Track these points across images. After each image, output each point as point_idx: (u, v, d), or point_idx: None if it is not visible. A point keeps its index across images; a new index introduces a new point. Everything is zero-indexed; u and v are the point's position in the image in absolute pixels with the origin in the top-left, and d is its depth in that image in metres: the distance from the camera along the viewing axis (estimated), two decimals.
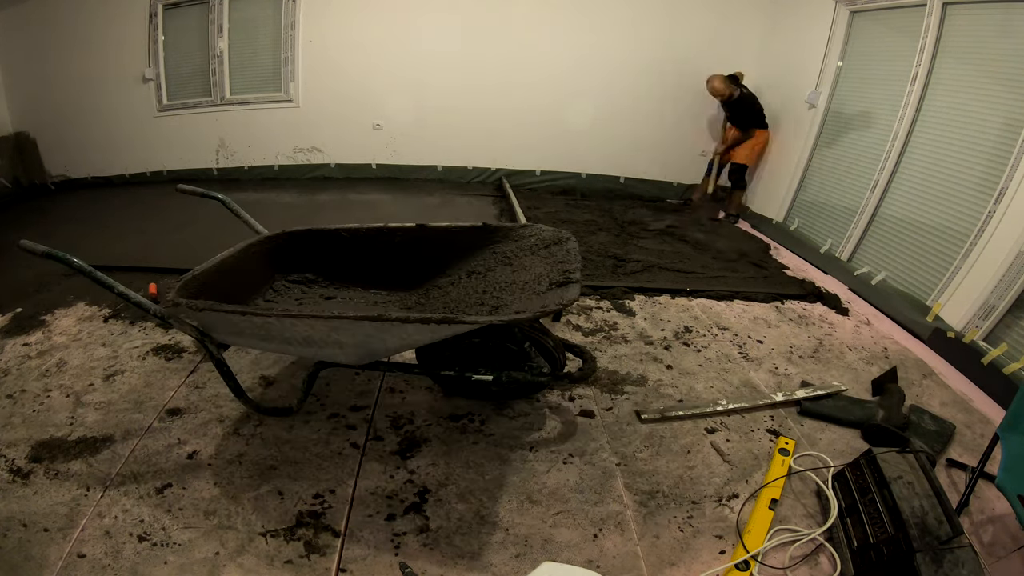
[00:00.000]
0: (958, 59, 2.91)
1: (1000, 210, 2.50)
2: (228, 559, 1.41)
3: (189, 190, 2.08)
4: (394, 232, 2.11)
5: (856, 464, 1.67)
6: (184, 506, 1.56)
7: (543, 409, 2.06)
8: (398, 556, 1.45)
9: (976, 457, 1.78)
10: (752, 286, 3.24)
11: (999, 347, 2.42)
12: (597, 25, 4.73)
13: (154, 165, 5.09)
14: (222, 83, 4.81)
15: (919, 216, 3.06)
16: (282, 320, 1.50)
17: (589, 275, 3.18)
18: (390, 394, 2.09)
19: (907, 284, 3.06)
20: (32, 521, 1.48)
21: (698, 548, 1.53)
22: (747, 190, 4.72)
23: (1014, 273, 2.40)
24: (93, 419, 1.89)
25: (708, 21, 4.65)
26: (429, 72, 4.85)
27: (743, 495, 1.72)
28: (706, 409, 2.08)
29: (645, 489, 1.72)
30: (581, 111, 4.96)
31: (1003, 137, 2.59)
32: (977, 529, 1.65)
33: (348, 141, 5.13)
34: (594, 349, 2.46)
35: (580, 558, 1.48)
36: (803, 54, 4.06)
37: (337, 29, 4.71)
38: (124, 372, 2.16)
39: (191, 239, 3.56)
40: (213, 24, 4.63)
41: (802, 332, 2.77)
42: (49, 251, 1.45)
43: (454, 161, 5.27)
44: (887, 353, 2.63)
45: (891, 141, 3.22)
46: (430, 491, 1.66)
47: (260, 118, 4.95)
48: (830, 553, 1.52)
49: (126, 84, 4.75)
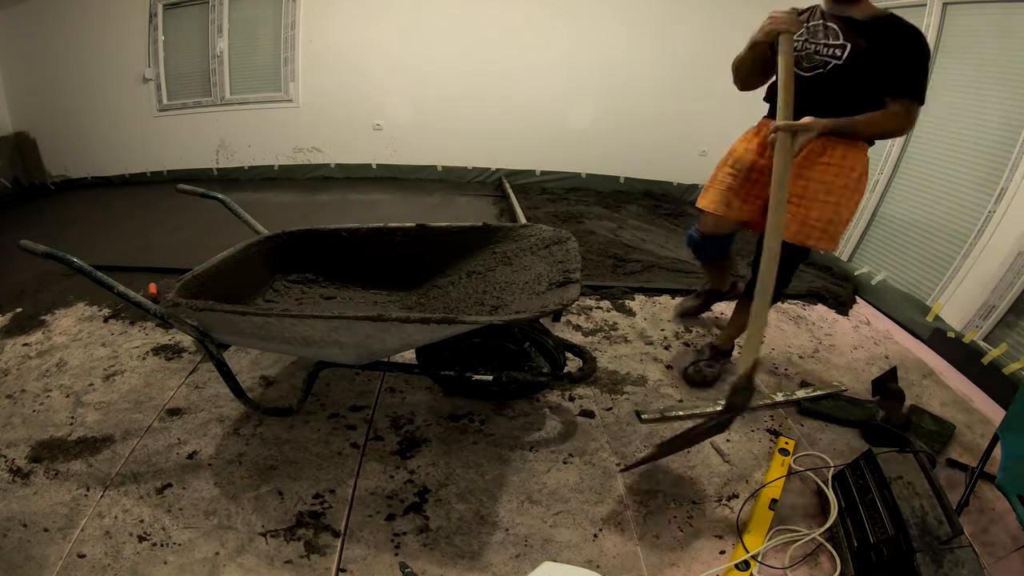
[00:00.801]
0: (958, 59, 2.91)
1: (1000, 210, 2.50)
2: (228, 559, 1.41)
3: (189, 190, 2.08)
4: (394, 232, 2.11)
5: (856, 464, 1.67)
6: (184, 506, 1.56)
7: (543, 409, 2.06)
8: (398, 556, 1.45)
9: (976, 457, 1.78)
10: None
11: (999, 347, 2.42)
12: (597, 24, 4.72)
13: (154, 165, 5.09)
14: (222, 83, 4.81)
15: (919, 216, 3.06)
16: (282, 320, 1.49)
17: (589, 275, 3.18)
18: (390, 394, 2.09)
19: (907, 284, 3.06)
20: (32, 521, 1.48)
21: (698, 548, 1.53)
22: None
23: (1014, 273, 2.40)
24: (93, 419, 1.89)
25: (708, 21, 4.64)
26: (429, 72, 4.85)
27: (743, 495, 1.72)
28: (706, 409, 2.08)
29: (645, 489, 1.72)
30: (581, 111, 4.97)
31: (1003, 137, 2.59)
32: (977, 529, 1.65)
33: (348, 141, 5.13)
34: (594, 349, 2.46)
35: (580, 558, 1.48)
36: None
37: (337, 29, 4.71)
38: (124, 372, 2.16)
39: (191, 239, 3.57)
40: (213, 24, 4.63)
41: (802, 332, 2.77)
42: (49, 251, 1.45)
43: (454, 161, 5.27)
44: (887, 353, 2.63)
45: (891, 141, 3.22)
46: (430, 491, 1.66)
47: (260, 118, 4.95)
48: (830, 553, 1.52)
49: (126, 84, 4.76)
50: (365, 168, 5.25)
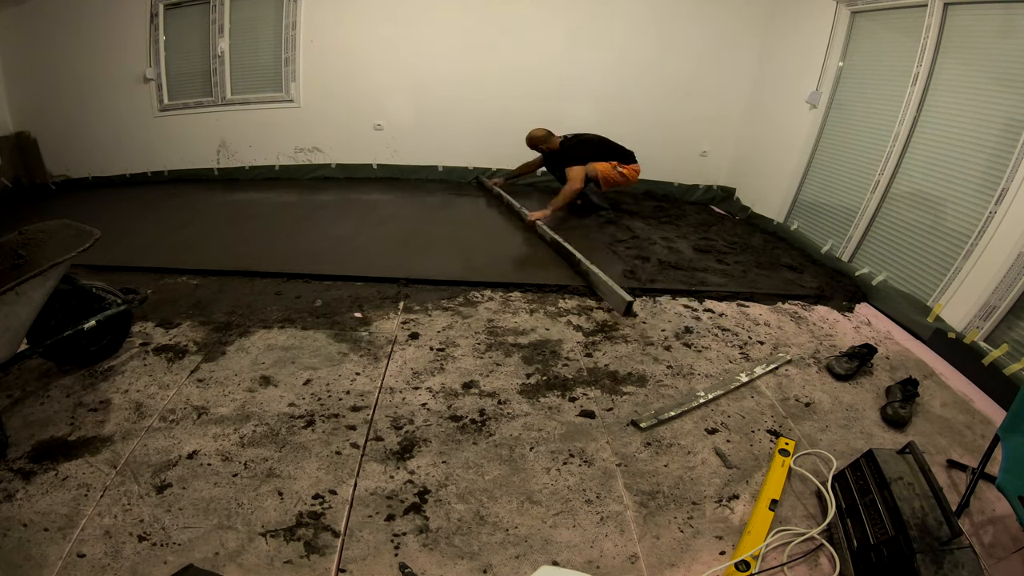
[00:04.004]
0: (959, 59, 2.90)
1: (1001, 210, 2.50)
2: (228, 559, 1.41)
3: None
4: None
5: (856, 464, 1.67)
6: (184, 506, 1.56)
7: (543, 409, 2.06)
8: (398, 556, 1.45)
9: (976, 458, 1.78)
10: (752, 286, 3.24)
11: (1000, 348, 2.42)
12: (598, 25, 4.72)
13: (155, 165, 5.09)
14: (223, 83, 4.81)
15: (920, 217, 3.06)
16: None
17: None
18: (390, 394, 2.09)
19: (908, 285, 3.06)
20: (32, 521, 1.48)
21: (698, 549, 1.53)
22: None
23: (1015, 274, 2.40)
24: (93, 419, 1.89)
25: (708, 22, 4.64)
26: (430, 72, 4.85)
27: (743, 496, 1.72)
28: (691, 405, 2.12)
29: (645, 489, 1.72)
30: (582, 112, 4.96)
31: (1004, 137, 2.58)
32: (977, 530, 1.65)
33: (349, 141, 5.13)
34: (595, 349, 2.47)
35: (580, 558, 1.47)
36: (804, 54, 4.05)
37: (338, 29, 4.71)
38: (124, 372, 2.16)
39: (191, 239, 3.57)
40: (214, 24, 4.63)
41: (802, 332, 2.77)
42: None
43: (455, 161, 5.27)
44: (888, 353, 2.63)
45: (892, 141, 3.22)
46: (430, 491, 1.66)
47: (261, 118, 4.95)
48: (830, 554, 1.51)
49: (127, 84, 4.75)
50: (366, 168, 5.25)
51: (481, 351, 2.41)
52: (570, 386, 2.20)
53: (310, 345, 2.38)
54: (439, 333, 2.53)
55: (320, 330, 2.50)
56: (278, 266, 3.13)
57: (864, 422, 2.12)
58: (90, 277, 2.16)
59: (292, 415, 1.94)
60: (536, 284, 3.07)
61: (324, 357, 2.29)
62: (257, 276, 3.03)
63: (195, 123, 4.92)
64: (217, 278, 3.00)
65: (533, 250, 3.64)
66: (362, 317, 2.64)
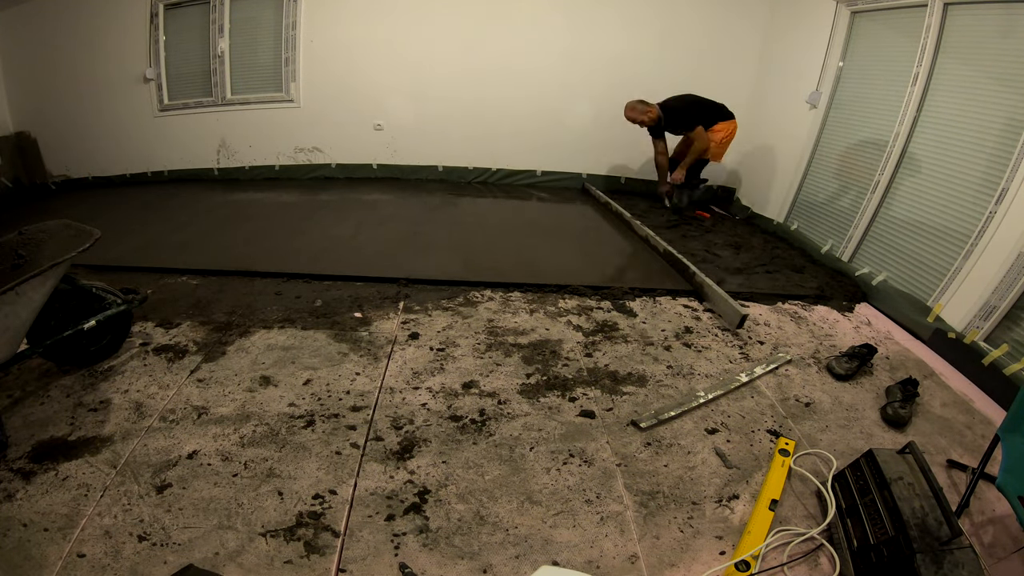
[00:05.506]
0: (959, 59, 2.90)
1: (1001, 210, 2.50)
2: (228, 559, 1.41)
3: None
4: None
5: (856, 465, 1.67)
6: (184, 506, 1.56)
7: (543, 409, 2.06)
8: (398, 556, 1.45)
9: (977, 458, 1.78)
10: (752, 286, 3.24)
11: (1000, 348, 2.42)
12: (597, 25, 4.73)
13: (155, 165, 5.09)
14: (223, 83, 4.81)
15: (920, 217, 3.06)
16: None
17: (589, 275, 3.18)
18: (390, 394, 2.09)
19: (908, 285, 3.06)
20: (32, 521, 1.48)
21: (698, 549, 1.53)
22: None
23: (1015, 274, 2.40)
24: (93, 419, 1.89)
25: (709, 22, 4.65)
26: (430, 72, 4.85)
27: (743, 496, 1.72)
28: (691, 405, 2.12)
29: (645, 489, 1.72)
30: (582, 111, 4.97)
31: (1004, 137, 2.58)
32: (977, 530, 1.65)
33: (349, 141, 5.13)
34: (595, 349, 2.47)
35: (580, 558, 1.47)
36: (804, 54, 4.05)
37: (338, 29, 4.71)
38: (124, 372, 2.16)
39: (191, 239, 3.57)
40: (214, 24, 4.63)
41: (803, 332, 2.77)
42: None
43: (455, 161, 5.27)
44: (888, 354, 2.63)
45: (892, 141, 3.22)
46: (430, 491, 1.66)
47: (261, 118, 4.95)
48: (830, 554, 1.51)
49: (127, 84, 4.76)
50: (366, 168, 5.25)
51: (481, 351, 2.41)
52: (570, 386, 2.20)
53: (310, 345, 2.38)
54: (439, 333, 2.53)
55: (320, 330, 2.50)
56: (278, 266, 3.13)
57: (864, 422, 2.12)
58: (90, 277, 2.16)
59: (292, 415, 1.95)
60: (536, 284, 3.07)
61: (324, 357, 2.30)
62: (257, 276, 3.03)
63: (195, 123, 4.92)
64: (217, 278, 3.00)
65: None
66: (362, 317, 2.64)
